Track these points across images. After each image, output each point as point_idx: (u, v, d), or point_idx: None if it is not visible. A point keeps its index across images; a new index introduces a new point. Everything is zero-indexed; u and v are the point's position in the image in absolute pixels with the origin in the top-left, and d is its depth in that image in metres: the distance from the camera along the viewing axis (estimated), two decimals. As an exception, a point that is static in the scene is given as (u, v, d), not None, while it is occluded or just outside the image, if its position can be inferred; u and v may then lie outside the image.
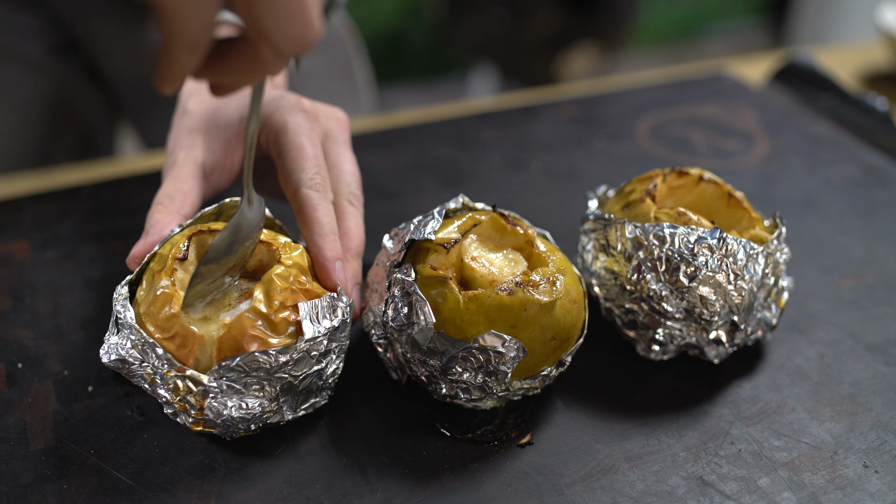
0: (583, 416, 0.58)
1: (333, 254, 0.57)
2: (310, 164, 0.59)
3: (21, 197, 0.79)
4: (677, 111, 1.01)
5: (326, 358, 0.54)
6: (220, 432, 0.53)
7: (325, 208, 0.58)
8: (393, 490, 0.52)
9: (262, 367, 0.51)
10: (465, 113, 0.99)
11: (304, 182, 0.59)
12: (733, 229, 0.62)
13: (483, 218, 0.58)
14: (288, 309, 0.52)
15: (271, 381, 0.52)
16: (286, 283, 0.53)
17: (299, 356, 0.52)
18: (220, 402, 0.51)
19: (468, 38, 2.53)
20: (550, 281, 0.54)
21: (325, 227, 0.57)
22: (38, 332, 0.63)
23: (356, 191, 0.63)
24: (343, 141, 0.65)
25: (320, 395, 0.56)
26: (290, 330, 0.52)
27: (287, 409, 0.54)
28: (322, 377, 0.54)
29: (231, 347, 0.51)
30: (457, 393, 0.55)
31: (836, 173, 0.89)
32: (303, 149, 0.60)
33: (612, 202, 0.65)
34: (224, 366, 0.50)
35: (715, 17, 3.38)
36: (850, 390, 0.61)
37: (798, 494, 0.53)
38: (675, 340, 0.60)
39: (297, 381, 0.53)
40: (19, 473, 0.52)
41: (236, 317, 0.51)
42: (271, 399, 0.53)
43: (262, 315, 0.51)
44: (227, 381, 0.51)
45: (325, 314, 0.53)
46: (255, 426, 0.54)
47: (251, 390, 0.52)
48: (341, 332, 0.54)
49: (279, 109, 0.62)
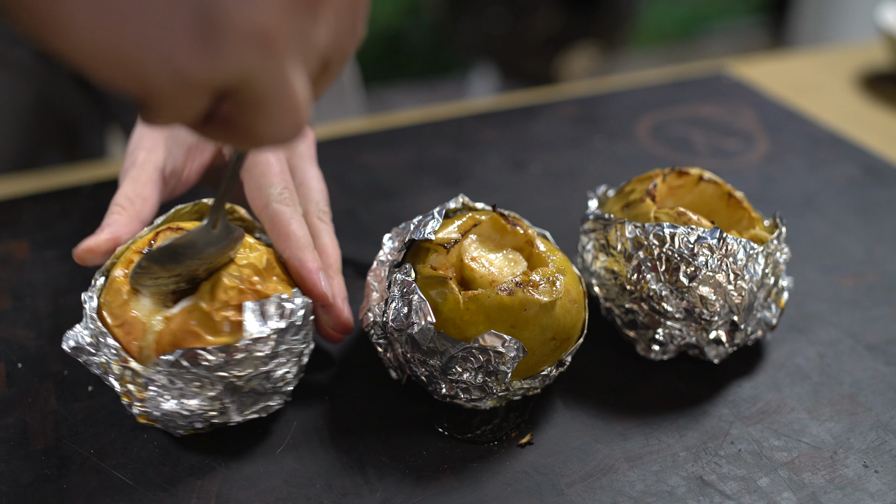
0: (583, 416, 0.58)
1: (316, 265, 0.56)
2: (277, 179, 0.59)
3: (21, 197, 0.79)
4: (677, 111, 1.01)
5: (275, 360, 0.52)
6: (162, 427, 0.53)
7: (299, 221, 0.58)
8: (393, 490, 0.52)
9: (202, 364, 0.50)
10: (465, 113, 0.99)
11: (273, 197, 0.58)
12: (733, 229, 0.62)
13: (483, 218, 0.58)
14: (232, 308, 0.51)
15: (212, 380, 0.50)
16: (234, 283, 0.51)
17: (242, 356, 0.50)
18: (160, 396, 0.51)
19: (468, 37, 2.53)
20: (550, 281, 0.54)
21: (302, 239, 0.57)
22: (38, 332, 0.63)
23: (325, 207, 0.63)
24: (308, 157, 0.64)
25: (272, 399, 0.54)
26: (229, 329, 0.51)
27: (233, 410, 0.53)
28: (270, 380, 0.53)
29: (169, 342, 0.50)
30: (457, 393, 0.55)
31: (836, 173, 0.89)
32: (269, 165, 0.59)
33: (612, 202, 0.65)
34: (163, 360, 0.49)
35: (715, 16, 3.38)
36: (850, 390, 0.61)
37: (798, 494, 0.53)
38: (674, 340, 0.60)
39: (241, 382, 0.51)
40: (19, 473, 0.52)
41: (177, 311, 0.51)
42: (213, 398, 0.51)
43: (202, 312, 0.50)
44: (166, 375, 0.50)
45: (273, 315, 0.51)
46: (200, 424, 0.53)
47: (191, 387, 0.50)
48: (292, 334, 0.53)
49: None
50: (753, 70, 1.13)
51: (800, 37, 3.08)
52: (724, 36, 3.36)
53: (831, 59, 1.18)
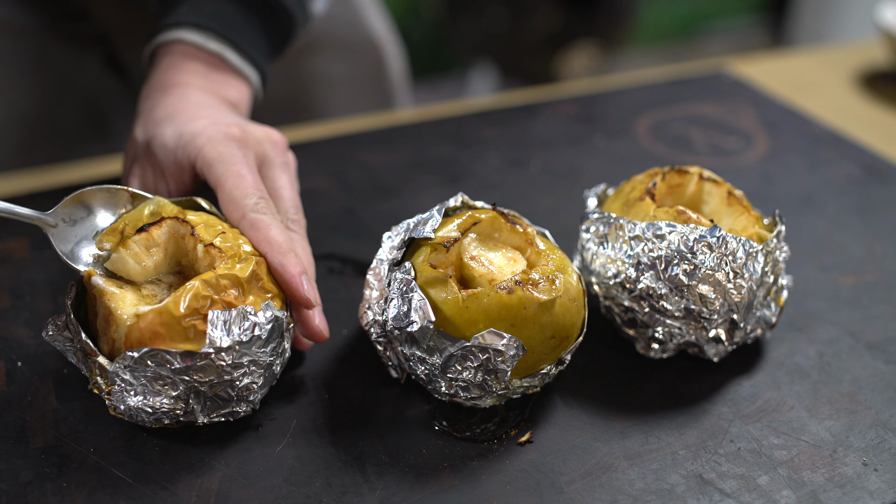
0: (582, 415, 0.58)
1: (298, 269, 0.56)
2: (251, 190, 0.59)
3: (21, 195, 0.79)
4: (677, 110, 1.01)
5: (238, 370, 0.52)
6: (128, 419, 0.53)
7: (278, 227, 0.58)
8: (392, 488, 0.52)
9: (165, 365, 0.50)
10: (465, 111, 0.99)
11: (249, 207, 0.58)
12: (733, 228, 0.62)
13: (483, 216, 0.58)
14: (201, 317, 0.51)
15: (174, 382, 0.51)
16: (208, 293, 0.52)
17: (203, 363, 0.51)
18: (124, 391, 0.51)
19: (468, 36, 2.53)
20: (550, 279, 0.54)
21: (283, 244, 0.57)
22: (37, 331, 0.63)
23: (294, 216, 0.63)
24: (279, 164, 0.64)
25: (238, 406, 0.55)
26: (195, 336, 0.51)
27: (199, 411, 0.53)
28: (234, 388, 0.53)
29: (136, 339, 0.51)
30: (456, 391, 0.55)
31: (836, 172, 0.89)
32: (241, 177, 0.60)
33: (612, 200, 0.65)
34: (128, 356, 0.50)
35: (714, 15, 3.38)
36: (849, 388, 0.61)
37: (797, 492, 0.53)
38: (674, 339, 0.60)
39: (203, 388, 0.52)
40: (19, 471, 0.52)
41: (148, 311, 0.51)
42: (176, 398, 0.52)
43: (172, 317, 0.51)
44: (130, 371, 0.51)
45: (238, 326, 0.52)
46: (168, 421, 0.53)
47: (154, 385, 0.51)
48: (257, 346, 0.53)
49: (210, 141, 0.61)
50: (753, 69, 1.13)
51: (799, 35, 3.08)
52: (724, 35, 3.36)
53: (831, 57, 1.18)
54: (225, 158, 0.60)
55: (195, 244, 0.55)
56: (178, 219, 0.56)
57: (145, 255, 0.56)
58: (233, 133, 0.62)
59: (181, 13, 0.70)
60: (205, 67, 0.69)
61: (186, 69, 0.69)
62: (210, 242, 0.55)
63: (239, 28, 0.71)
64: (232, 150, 0.61)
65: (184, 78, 0.68)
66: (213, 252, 0.55)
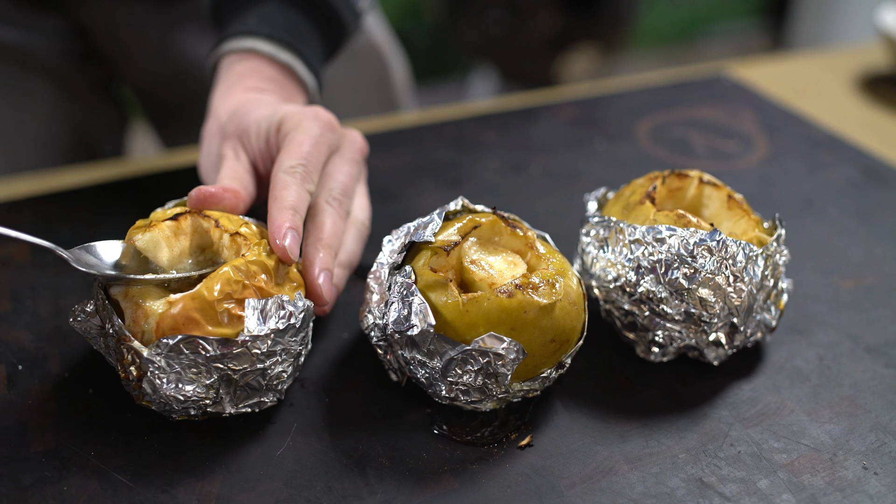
0: (582, 418, 0.58)
1: (287, 224, 0.56)
2: (297, 156, 0.60)
3: (21, 198, 0.79)
4: (677, 113, 1.01)
5: (271, 359, 0.53)
6: (158, 409, 0.54)
7: (296, 191, 0.58)
8: (393, 492, 0.52)
9: (199, 352, 0.51)
10: (465, 115, 0.99)
11: (283, 168, 0.59)
12: (733, 231, 0.62)
13: (483, 220, 0.58)
14: (234, 301, 0.52)
15: (209, 370, 0.52)
16: (240, 277, 0.53)
17: (239, 351, 0.52)
18: (157, 378, 0.52)
19: (468, 39, 2.53)
20: (550, 283, 0.54)
21: (286, 201, 0.57)
22: (38, 334, 0.63)
23: (338, 195, 0.63)
24: (347, 157, 0.65)
25: (266, 395, 0.55)
26: (228, 322, 0.52)
27: (228, 401, 0.54)
28: (266, 377, 0.54)
29: (169, 326, 0.51)
30: (456, 395, 0.55)
31: (836, 175, 0.89)
32: (300, 144, 0.61)
33: (612, 204, 0.65)
34: (164, 343, 0.50)
35: (714, 18, 3.39)
36: (849, 392, 0.61)
37: (797, 496, 0.53)
38: (674, 342, 0.60)
39: (236, 376, 0.53)
40: (19, 475, 0.52)
41: (180, 297, 0.52)
42: (208, 387, 0.52)
43: (205, 302, 0.51)
44: (165, 358, 0.51)
45: (274, 315, 0.53)
46: (194, 411, 0.54)
47: (188, 373, 0.52)
48: (290, 335, 0.54)
49: (299, 114, 0.63)
50: (753, 72, 1.13)
51: (799, 39, 3.09)
52: (724, 38, 3.36)
53: (830, 61, 1.18)
54: (299, 128, 0.62)
55: (220, 234, 0.57)
56: (200, 214, 0.57)
57: (175, 241, 0.57)
58: (323, 115, 0.63)
59: (251, 24, 0.72)
60: (278, 76, 0.71)
61: (263, 76, 0.70)
62: (236, 231, 0.56)
63: (305, 40, 0.73)
64: (312, 125, 0.62)
65: (262, 84, 0.70)
66: (238, 240, 0.56)
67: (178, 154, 0.92)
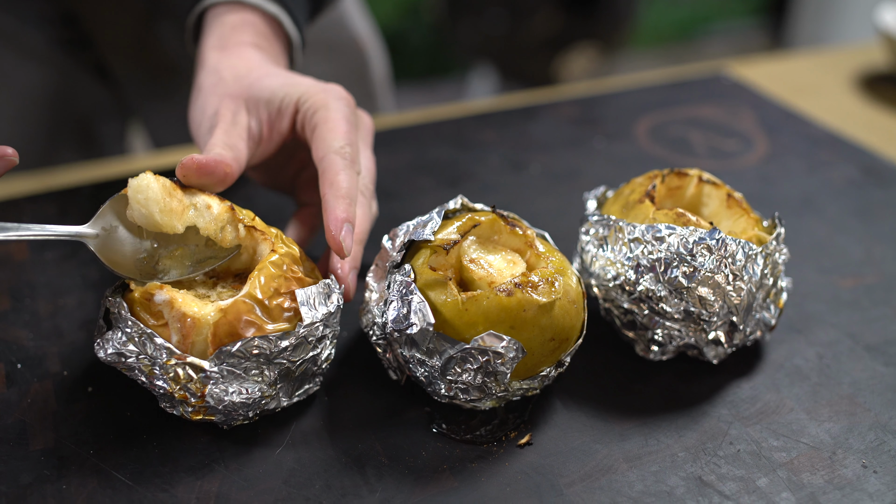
0: (582, 417, 0.58)
1: (346, 215, 0.56)
2: (343, 136, 0.60)
3: (20, 197, 0.79)
4: (676, 112, 1.01)
5: (322, 343, 0.55)
6: (219, 420, 0.54)
7: (349, 175, 0.59)
8: (392, 490, 0.52)
9: (263, 352, 0.52)
10: (465, 114, 0.99)
11: (333, 148, 0.59)
12: (732, 230, 0.62)
13: (482, 219, 0.58)
14: (283, 296, 0.53)
15: (270, 367, 0.53)
16: (280, 271, 0.54)
17: (298, 342, 0.53)
18: (221, 388, 0.52)
19: (467, 38, 2.53)
20: (549, 282, 0.54)
21: (344, 189, 0.58)
22: (37, 333, 0.63)
23: (369, 185, 0.64)
24: (365, 140, 0.66)
25: (313, 382, 0.57)
26: (286, 316, 0.53)
27: (283, 394, 0.55)
28: (317, 363, 0.56)
29: (227, 332, 0.51)
30: (456, 393, 0.55)
31: (835, 174, 0.89)
32: (339, 123, 0.61)
33: (611, 203, 0.65)
34: (225, 351, 0.51)
35: (714, 17, 3.38)
36: (848, 391, 0.61)
37: (797, 494, 0.53)
38: (674, 341, 0.60)
39: (294, 367, 0.54)
40: (19, 474, 0.52)
41: (232, 302, 0.52)
42: (270, 384, 0.53)
43: (257, 301, 0.52)
44: (227, 366, 0.51)
45: (322, 300, 0.55)
46: (253, 413, 0.54)
47: (251, 375, 0.52)
48: (335, 318, 0.56)
49: (324, 91, 0.63)
50: (752, 71, 1.13)
51: (799, 38, 3.09)
52: (723, 37, 3.36)
53: (830, 60, 1.18)
54: (332, 107, 0.62)
55: (224, 223, 0.57)
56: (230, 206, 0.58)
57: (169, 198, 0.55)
58: (345, 94, 0.64)
59: None
60: (268, 31, 0.70)
61: (256, 31, 0.69)
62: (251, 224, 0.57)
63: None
64: (342, 105, 0.62)
65: (256, 40, 0.69)
66: (255, 234, 0.57)
67: (178, 154, 0.92)
